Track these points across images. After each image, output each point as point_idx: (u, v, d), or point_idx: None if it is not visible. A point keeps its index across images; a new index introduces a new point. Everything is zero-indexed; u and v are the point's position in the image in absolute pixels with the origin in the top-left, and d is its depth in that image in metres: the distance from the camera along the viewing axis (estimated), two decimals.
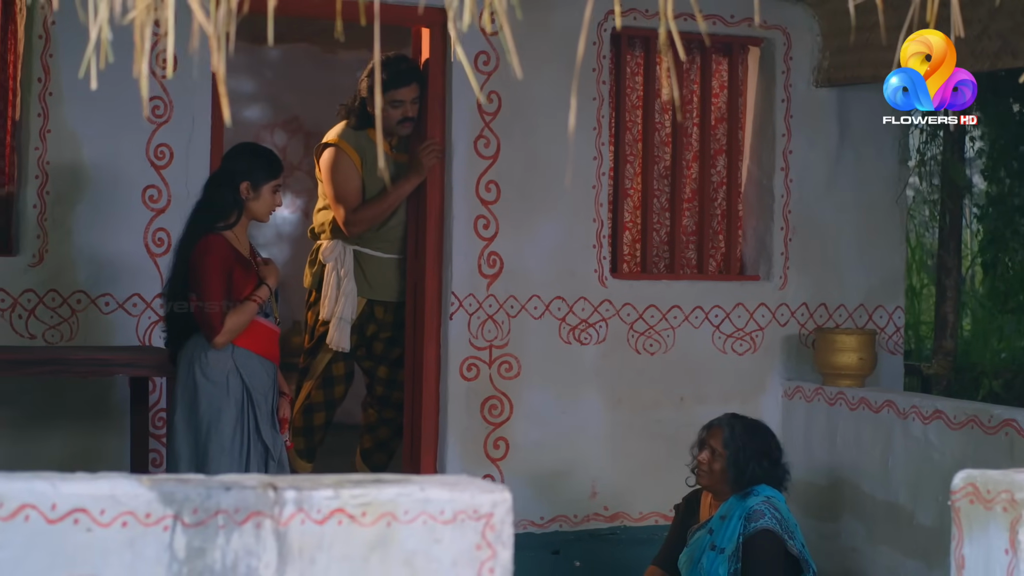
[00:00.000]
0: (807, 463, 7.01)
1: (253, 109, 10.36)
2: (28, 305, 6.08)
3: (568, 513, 6.90)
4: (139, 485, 2.59)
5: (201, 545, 2.61)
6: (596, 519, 6.95)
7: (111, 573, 2.56)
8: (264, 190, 5.31)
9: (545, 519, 6.85)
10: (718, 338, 7.21)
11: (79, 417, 6.11)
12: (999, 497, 3.28)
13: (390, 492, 2.71)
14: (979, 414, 5.97)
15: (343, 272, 6.77)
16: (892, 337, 7.50)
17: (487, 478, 6.74)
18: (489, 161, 6.75)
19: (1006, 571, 3.25)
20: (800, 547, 5.41)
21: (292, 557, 2.66)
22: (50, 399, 6.08)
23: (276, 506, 2.65)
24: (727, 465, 5.43)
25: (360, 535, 2.69)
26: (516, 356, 6.81)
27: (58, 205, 6.11)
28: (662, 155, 7.30)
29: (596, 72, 6.92)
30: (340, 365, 6.85)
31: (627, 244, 7.25)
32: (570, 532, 6.88)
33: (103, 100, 6.07)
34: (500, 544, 2.79)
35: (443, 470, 6.71)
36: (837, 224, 7.41)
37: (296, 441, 6.92)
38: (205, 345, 5.20)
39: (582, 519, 6.92)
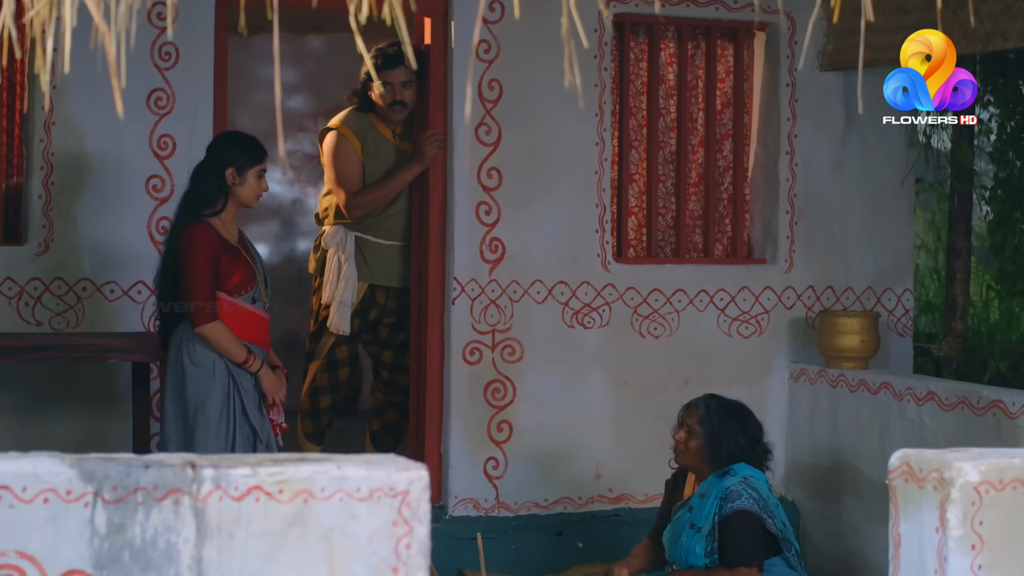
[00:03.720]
0: (811, 445, 7.07)
1: (296, 99, 10.48)
2: (35, 293, 6.23)
3: (572, 495, 6.98)
4: (60, 463, 2.70)
5: (121, 521, 2.72)
6: (600, 501, 7.03)
7: (34, 548, 2.68)
8: (249, 175, 5.43)
9: (549, 501, 6.94)
10: (723, 321, 7.27)
11: (85, 401, 6.27)
12: (930, 476, 3.33)
13: (307, 470, 2.81)
14: (969, 395, 6.00)
15: (343, 257, 6.92)
16: (901, 319, 7.53)
17: (491, 460, 6.84)
18: (490, 148, 6.84)
19: (936, 549, 3.31)
20: (781, 525, 5.46)
21: (210, 533, 2.76)
22: (57, 384, 6.24)
23: (194, 483, 2.75)
24: (703, 442, 5.50)
25: (278, 512, 2.79)
26: (519, 340, 6.90)
27: (63, 195, 6.26)
28: (667, 140, 7.36)
29: (598, 59, 6.99)
30: (343, 348, 6.99)
31: (632, 229, 7.32)
32: (573, 514, 6.96)
33: (106, 92, 6.21)
34: (417, 521, 2.89)
35: (447, 453, 6.81)
36: (844, 207, 7.45)
37: (304, 424, 7.07)
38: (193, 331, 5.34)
39: (586, 501, 7.00)
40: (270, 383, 5.39)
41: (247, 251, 5.50)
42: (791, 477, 7.22)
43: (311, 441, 7.06)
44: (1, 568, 2.65)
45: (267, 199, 9.93)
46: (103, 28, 2.22)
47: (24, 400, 6.20)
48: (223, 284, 5.35)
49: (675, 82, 7.34)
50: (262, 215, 9.87)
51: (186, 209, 5.41)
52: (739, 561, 5.38)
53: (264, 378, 5.38)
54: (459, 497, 6.82)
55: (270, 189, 10.15)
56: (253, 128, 10.09)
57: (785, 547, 5.45)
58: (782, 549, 5.45)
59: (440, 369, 6.86)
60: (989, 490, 3.27)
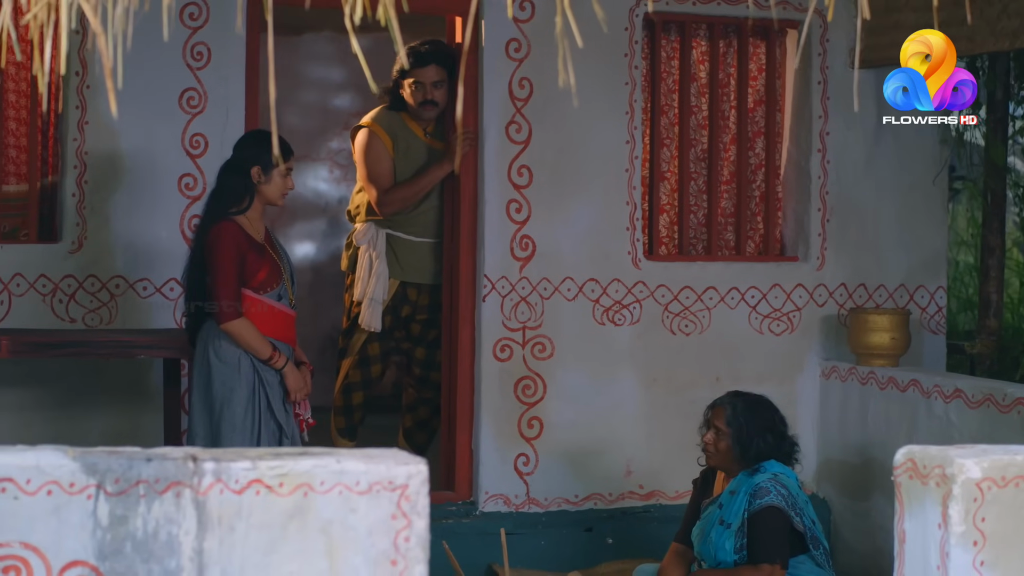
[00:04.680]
0: (841, 443, 7.08)
1: (342, 97, 10.55)
2: (68, 290, 6.32)
3: (603, 491, 7.01)
4: (63, 456, 2.76)
5: (123, 513, 2.78)
6: (631, 497, 7.06)
7: (38, 539, 2.74)
8: (275, 173, 5.50)
9: (579, 497, 6.97)
10: (755, 318, 7.28)
11: (118, 397, 6.36)
12: (933, 472, 3.35)
13: (306, 464, 2.86)
14: (994, 392, 5.99)
15: (375, 254, 6.98)
16: (934, 317, 7.52)
17: (521, 456, 6.88)
18: (521, 146, 6.88)
19: (939, 545, 3.32)
20: (809, 523, 5.47)
21: (211, 525, 2.82)
22: (92, 380, 6.33)
23: (195, 476, 2.81)
24: (732, 443, 5.51)
25: (278, 504, 2.85)
26: (549, 337, 6.94)
27: (96, 193, 6.35)
28: (699, 138, 7.38)
29: (628, 57, 7.02)
30: (375, 345, 7.06)
31: (664, 226, 7.34)
32: (603, 510, 7.00)
33: (139, 92, 6.31)
34: (415, 514, 2.93)
35: (478, 449, 6.86)
36: (876, 204, 7.44)
37: (336, 420, 7.14)
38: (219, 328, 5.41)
39: (617, 497, 7.03)
40: (294, 380, 5.45)
41: (273, 248, 5.57)
42: (822, 474, 7.23)
43: (344, 437, 7.12)
44: (5, 559, 2.72)
45: (314, 197, 10.03)
46: (98, 31, 2.27)
47: (60, 395, 6.30)
48: (249, 281, 5.42)
49: (707, 80, 7.35)
50: (309, 213, 9.94)
51: (213, 207, 5.48)
52: (764, 557, 5.39)
53: (288, 375, 5.44)
54: (489, 493, 6.87)
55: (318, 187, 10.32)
56: (301, 126, 10.25)
57: (813, 545, 5.45)
58: (809, 547, 5.46)
59: (471, 366, 6.91)
60: (991, 487, 3.28)
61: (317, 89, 10.30)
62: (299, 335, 9.93)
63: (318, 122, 9.86)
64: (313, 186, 10.53)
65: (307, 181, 10.62)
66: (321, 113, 9.84)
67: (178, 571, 2.79)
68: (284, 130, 10.36)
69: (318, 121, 9.83)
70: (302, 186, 10.54)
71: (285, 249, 5.74)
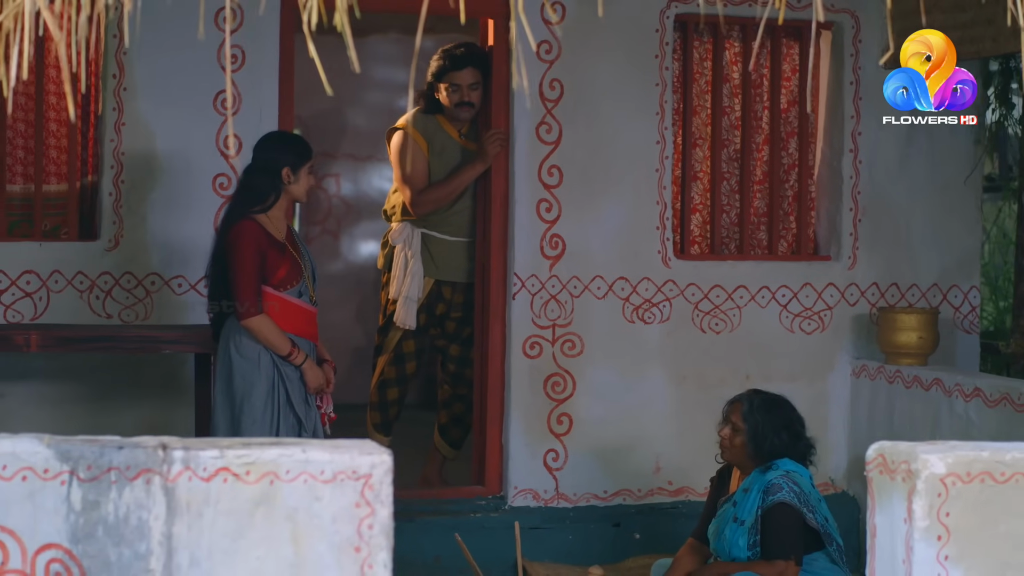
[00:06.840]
0: (870, 441, 7.03)
1: (406, 98, 10.72)
2: (105, 287, 6.50)
3: (632, 487, 7.10)
4: (38, 443, 2.91)
5: (95, 498, 2.92)
6: (660, 493, 7.14)
7: (13, 522, 2.89)
8: (302, 173, 5.66)
9: (608, 493, 7.06)
10: (785, 317, 7.33)
11: (152, 391, 6.53)
12: (900, 468, 3.42)
13: (272, 453, 2.99)
14: (1011, 392, 6.02)
15: (410, 253, 7.12)
16: (968, 316, 7.55)
17: (551, 452, 6.99)
18: (551, 146, 6.98)
19: (904, 539, 3.39)
20: (822, 520, 5.52)
21: (180, 511, 2.95)
22: (126, 375, 6.51)
23: (165, 464, 2.95)
24: (747, 439, 5.57)
25: (245, 492, 2.98)
26: (579, 335, 7.03)
27: (132, 193, 6.52)
28: (732, 138, 7.44)
29: (659, 58, 7.10)
30: (410, 343, 7.20)
31: (697, 226, 7.41)
32: (632, 506, 7.08)
33: (175, 94, 6.49)
34: (379, 503, 3.05)
35: (507, 444, 6.97)
36: (909, 204, 7.48)
37: (372, 415, 7.28)
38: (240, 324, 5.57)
39: (646, 493, 7.12)
40: (313, 376, 5.59)
41: (294, 246, 5.71)
42: (853, 473, 7.27)
43: (379, 432, 7.26)
44: None
45: (379, 197, 10.21)
46: (56, 37, 2.40)
47: (95, 389, 6.48)
48: (269, 278, 5.57)
49: (739, 81, 7.42)
50: (374, 213, 10.11)
51: (236, 207, 5.63)
52: (777, 554, 5.45)
53: (307, 371, 5.58)
54: (519, 488, 6.97)
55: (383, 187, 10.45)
56: (366, 127, 10.44)
57: (827, 542, 5.50)
58: (824, 544, 5.51)
59: (501, 363, 7.02)
60: (956, 482, 3.34)
61: (383, 90, 10.50)
62: (361, 332, 10.16)
63: (384, 123, 10.05)
64: (378, 186, 10.71)
65: (372, 181, 10.81)
66: (387, 114, 10.00)
67: (148, 554, 2.93)
68: (349, 130, 10.58)
69: (384, 122, 10.02)
70: (368, 186, 10.73)
71: (307, 248, 5.88)
